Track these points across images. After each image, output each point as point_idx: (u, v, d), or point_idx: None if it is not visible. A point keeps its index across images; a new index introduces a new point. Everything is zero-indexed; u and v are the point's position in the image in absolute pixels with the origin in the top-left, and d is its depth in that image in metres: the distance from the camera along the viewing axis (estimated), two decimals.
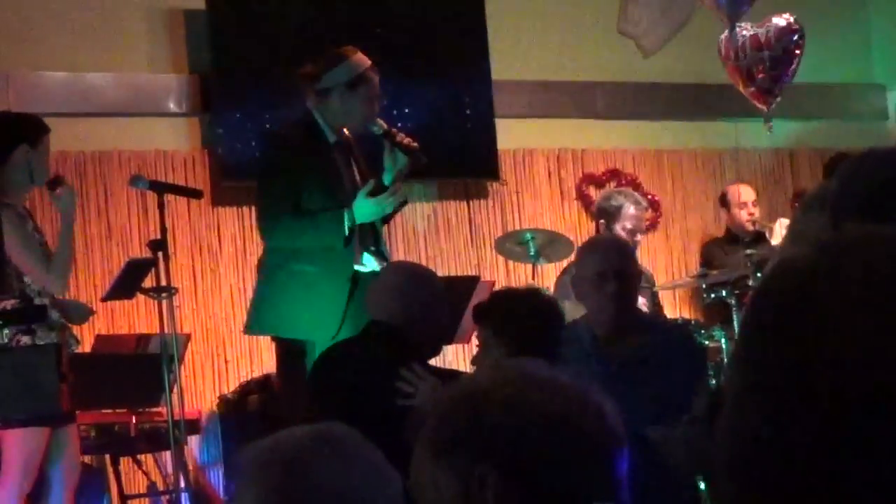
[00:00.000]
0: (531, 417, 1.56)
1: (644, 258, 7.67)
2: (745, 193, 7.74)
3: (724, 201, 7.81)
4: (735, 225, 7.66)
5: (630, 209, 6.67)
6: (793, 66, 7.05)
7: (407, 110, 7.57)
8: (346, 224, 4.99)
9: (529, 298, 4.27)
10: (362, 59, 5.28)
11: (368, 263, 5.13)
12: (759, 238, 7.44)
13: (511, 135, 7.96)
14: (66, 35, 7.00)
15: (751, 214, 7.66)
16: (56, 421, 5.03)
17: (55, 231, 5.50)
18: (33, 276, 5.06)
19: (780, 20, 7.03)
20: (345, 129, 5.26)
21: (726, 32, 7.02)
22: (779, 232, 7.33)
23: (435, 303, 4.45)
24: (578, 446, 1.57)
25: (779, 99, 7.09)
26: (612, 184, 8.16)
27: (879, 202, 2.44)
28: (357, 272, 5.08)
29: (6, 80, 6.80)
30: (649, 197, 8.24)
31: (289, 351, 5.22)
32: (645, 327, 4.27)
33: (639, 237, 6.73)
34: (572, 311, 6.15)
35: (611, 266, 4.11)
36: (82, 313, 5.47)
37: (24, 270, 5.04)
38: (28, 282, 5.05)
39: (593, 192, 8.14)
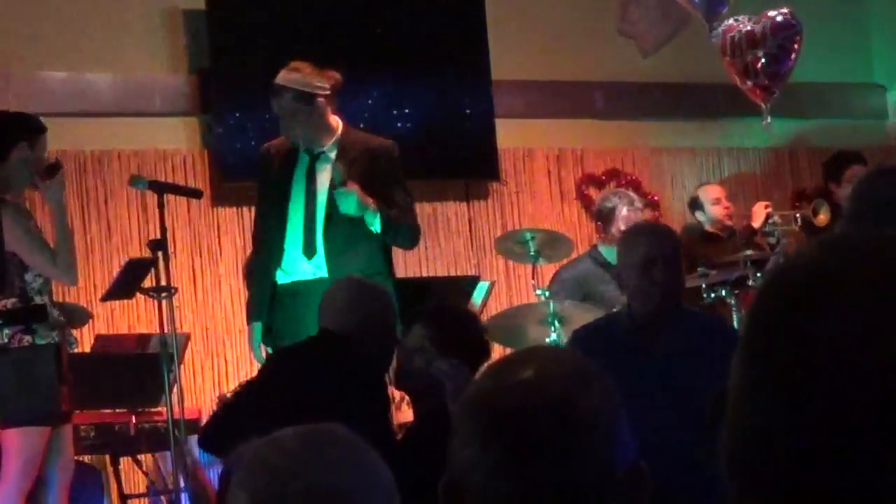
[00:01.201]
0: (470, 430, 1.53)
1: None
2: (716, 191, 7.66)
3: (695, 204, 7.71)
4: (713, 223, 7.59)
5: (623, 210, 6.68)
6: (790, 62, 7.02)
7: (407, 110, 7.57)
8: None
9: (478, 324, 4.43)
10: (280, 74, 5.46)
11: (290, 271, 5.26)
12: (736, 232, 7.42)
13: (511, 135, 7.96)
14: (66, 35, 7.00)
15: (727, 209, 7.59)
16: (55, 420, 5.03)
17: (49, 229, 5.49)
18: (42, 270, 5.05)
19: (778, 15, 7.00)
20: (327, 140, 5.36)
21: (720, 29, 7.01)
22: (760, 213, 7.34)
23: (388, 318, 4.51)
24: (521, 447, 1.52)
25: (776, 95, 7.06)
26: (612, 183, 8.16)
27: (890, 218, 2.47)
28: (276, 283, 5.29)
29: (6, 80, 6.80)
30: (649, 197, 8.24)
31: None
32: (686, 318, 4.10)
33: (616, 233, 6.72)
34: (572, 311, 6.16)
35: (660, 252, 3.92)
36: (82, 317, 5.47)
37: (32, 265, 5.03)
38: (29, 280, 5.05)
39: (593, 192, 8.13)
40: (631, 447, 1.55)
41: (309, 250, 5.25)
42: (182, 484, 5.41)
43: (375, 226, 5.20)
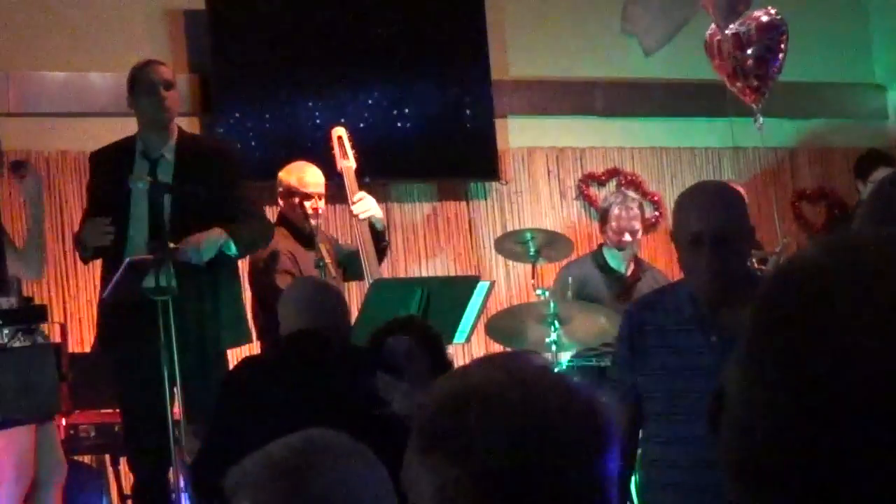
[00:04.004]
0: (509, 422, 1.52)
1: (644, 257, 7.67)
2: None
3: None
4: None
5: (615, 210, 6.70)
6: (778, 62, 7.01)
7: (407, 110, 7.57)
8: None
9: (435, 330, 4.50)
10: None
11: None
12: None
13: (511, 134, 7.96)
14: (66, 35, 7.00)
15: None
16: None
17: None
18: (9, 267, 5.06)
19: (763, 15, 6.98)
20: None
21: (709, 31, 7.01)
22: None
23: (345, 313, 4.54)
24: (558, 451, 1.51)
25: (766, 95, 7.04)
26: (613, 182, 8.17)
27: None
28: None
29: (6, 80, 6.80)
30: (649, 197, 8.24)
31: None
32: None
33: (628, 237, 6.72)
34: (572, 311, 6.15)
35: (708, 227, 3.37)
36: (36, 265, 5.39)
37: None
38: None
39: (594, 192, 8.14)
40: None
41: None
42: (182, 484, 5.40)
43: (232, 250, 5.27)
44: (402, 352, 4.27)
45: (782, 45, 7.00)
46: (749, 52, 6.92)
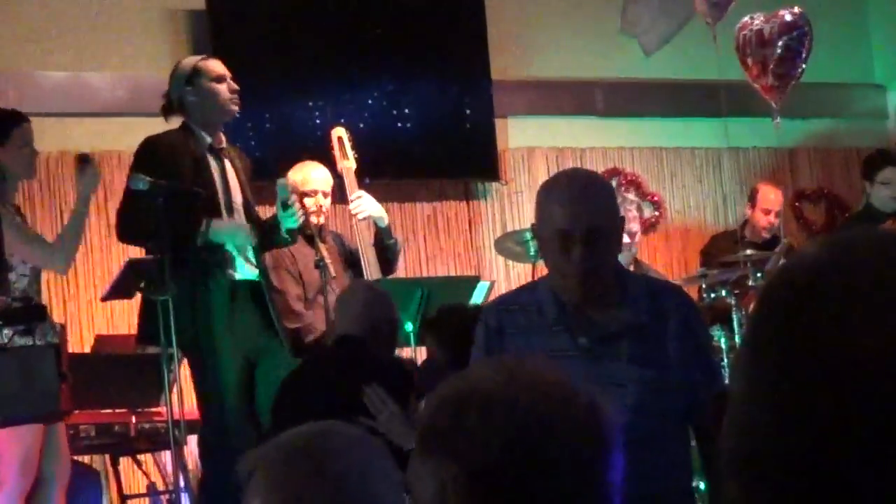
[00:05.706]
0: (508, 421, 1.52)
1: (644, 257, 7.67)
2: (773, 200, 7.47)
3: (752, 198, 7.60)
4: (752, 226, 7.47)
5: None
6: (801, 61, 7.00)
7: (407, 110, 7.57)
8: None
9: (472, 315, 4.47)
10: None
11: (242, 271, 5.32)
12: (771, 245, 7.27)
13: (511, 134, 7.96)
14: (66, 35, 7.00)
15: (770, 223, 7.44)
16: (54, 419, 5.03)
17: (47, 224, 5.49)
18: (37, 259, 5.07)
19: (788, 15, 6.98)
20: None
21: (738, 25, 7.01)
22: None
23: (396, 320, 4.74)
24: (556, 452, 1.51)
25: (787, 95, 7.03)
26: (613, 182, 8.17)
27: None
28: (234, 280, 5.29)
29: (6, 80, 6.80)
30: (649, 197, 8.24)
31: None
32: (629, 292, 3.21)
33: (626, 239, 6.70)
34: None
35: (579, 224, 3.11)
36: None
37: (29, 259, 5.04)
38: (12, 280, 5.04)
39: None
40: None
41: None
42: (182, 484, 5.40)
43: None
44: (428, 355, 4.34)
45: (805, 45, 7.00)
46: (770, 50, 6.92)
